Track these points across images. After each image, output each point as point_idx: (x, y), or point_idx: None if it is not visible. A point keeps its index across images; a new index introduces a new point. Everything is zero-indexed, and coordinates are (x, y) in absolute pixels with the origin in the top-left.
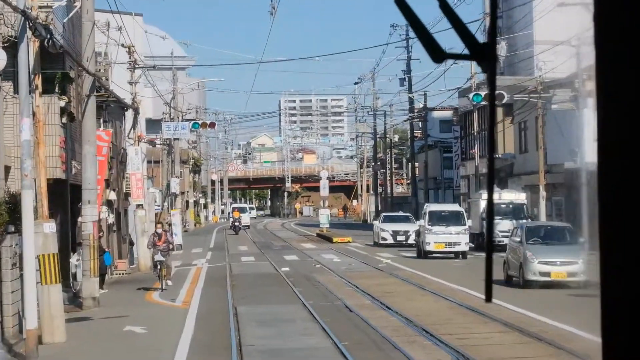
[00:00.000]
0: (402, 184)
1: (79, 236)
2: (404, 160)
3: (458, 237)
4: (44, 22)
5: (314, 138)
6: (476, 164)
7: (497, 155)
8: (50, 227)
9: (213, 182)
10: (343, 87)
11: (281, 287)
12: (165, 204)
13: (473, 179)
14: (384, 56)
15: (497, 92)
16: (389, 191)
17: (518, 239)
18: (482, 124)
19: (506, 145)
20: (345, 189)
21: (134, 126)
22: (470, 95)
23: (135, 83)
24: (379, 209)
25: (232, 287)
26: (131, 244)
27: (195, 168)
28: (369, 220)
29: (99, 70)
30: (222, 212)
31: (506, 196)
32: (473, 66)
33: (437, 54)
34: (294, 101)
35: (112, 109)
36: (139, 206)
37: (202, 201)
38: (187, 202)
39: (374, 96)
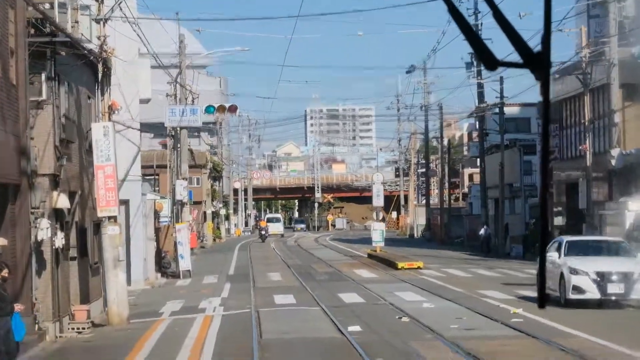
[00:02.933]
0: (454, 193)
1: None
2: (459, 167)
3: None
4: None
5: (342, 147)
6: (587, 164)
7: (625, 151)
8: None
9: (236, 192)
10: (370, 96)
11: None
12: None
13: (585, 184)
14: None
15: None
16: (437, 201)
17: None
18: (598, 109)
19: (631, 138)
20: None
21: (101, 89)
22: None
23: (104, 20)
24: (431, 221)
25: None
26: None
27: (215, 174)
28: (416, 235)
29: None
30: (246, 224)
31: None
32: (584, 35)
33: (491, 62)
34: (321, 110)
35: (76, 71)
36: (110, 219)
37: (222, 212)
38: (205, 213)
39: (425, 89)
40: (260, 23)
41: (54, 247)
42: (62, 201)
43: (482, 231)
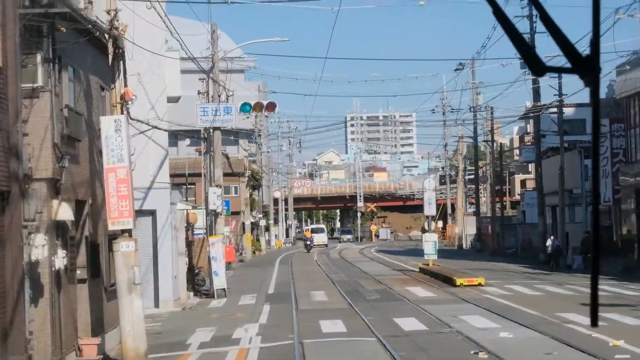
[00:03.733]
0: (503, 201)
1: None
2: (506, 173)
3: None
4: None
5: (383, 155)
6: None
7: None
8: None
9: (275, 201)
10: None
11: None
12: (225, 228)
13: None
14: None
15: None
16: (485, 210)
17: None
18: None
19: None
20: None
21: (112, 75)
22: None
23: None
24: (481, 231)
25: None
26: None
27: (254, 182)
28: (464, 245)
29: None
30: (287, 235)
31: None
32: None
33: (538, 67)
34: (361, 117)
35: (85, 56)
36: (123, 233)
37: (262, 223)
38: (244, 224)
39: (474, 90)
40: (301, 12)
41: (53, 269)
42: (64, 212)
43: (548, 242)
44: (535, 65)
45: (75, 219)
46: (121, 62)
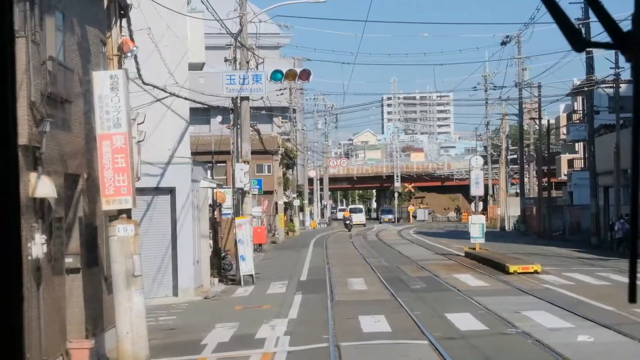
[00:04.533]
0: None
1: None
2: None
3: None
4: None
5: (420, 135)
6: None
7: None
8: None
9: (310, 181)
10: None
11: None
12: (257, 208)
13: None
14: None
15: None
16: (529, 191)
17: None
18: None
19: None
20: (463, 189)
21: (107, 22)
22: None
23: None
24: (525, 214)
25: None
26: None
27: (288, 161)
28: (507, 228)
29: None
30: (322, 215)
31: None
32: None
33: (579, 42)
34: (398, 97)
35: (81, 4)
36: (121, 214)
37: (296, 203)
38: (277, 204)
39: (520, 64)
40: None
41: (29, 258)
42: (44, 187)
43: (617, 225)
44: (575, 40)
45: (66, 197)
46: (118, 5)
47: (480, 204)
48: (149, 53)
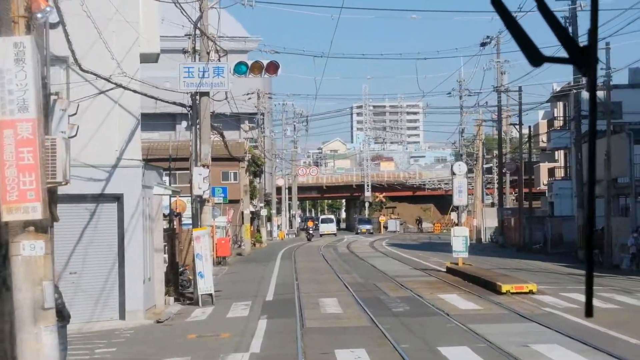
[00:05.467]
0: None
1: None
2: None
3: None
4: None
5: (390, 145)
6: None
7: None
8: None
9: (278, 190)
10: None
11: None
12: (222, 218)
13: None
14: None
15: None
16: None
17: None
18: None
19: None
20: (436, 199)
21: None
22: None
23: None
24: (503, 225)
25: None
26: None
27: (255, 168)
28: (483, 240)
29: None
30: (290, 225)
31: None
32: None
33: (536, 57)
34: (368, 106)
35: None
36: (28, 225)
37: (263, 213)
38: (242, 213)
39: (498, 69)
40: None
41: None
42: None
43: (630, 240)
44: (533, 56)
45: None
46: None
47: (457, 214)
48: (94, 39)
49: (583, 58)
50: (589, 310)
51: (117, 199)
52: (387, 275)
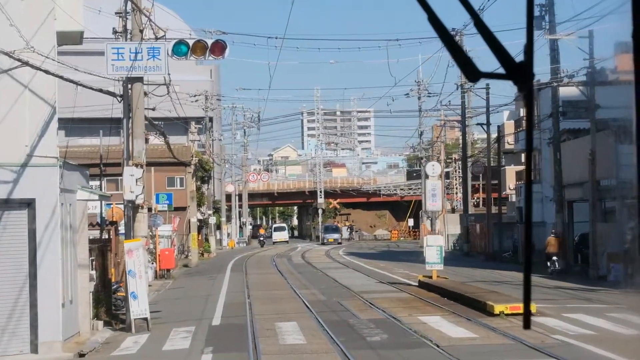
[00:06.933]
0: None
1: None
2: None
3: None
4: None
5: (342, 151)
6: None
7: None
8: None
9: (228, 197)
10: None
11: None
12: (167, 227)
13: None
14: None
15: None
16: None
17: None
18: None
19: None
20: (391, 205)
21: None
22: None
23: None
24: (468, 232)
25: None
26: None
27: (203, 174)
28: (446, 247)
29: None
30: (241, 231)
31: None
32: None
33: (473, 73)
34: (319, 111)
35: None
36: None
37: (212, 221)
38: (190, 221)
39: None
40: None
41: None
42: None
43: None
44: (469, 70)
45: None
46: None
47: (430, 221)
48: None
49: (519, 74)
50: (526, 322)
51: (28, 205)
52: (352, 290)
